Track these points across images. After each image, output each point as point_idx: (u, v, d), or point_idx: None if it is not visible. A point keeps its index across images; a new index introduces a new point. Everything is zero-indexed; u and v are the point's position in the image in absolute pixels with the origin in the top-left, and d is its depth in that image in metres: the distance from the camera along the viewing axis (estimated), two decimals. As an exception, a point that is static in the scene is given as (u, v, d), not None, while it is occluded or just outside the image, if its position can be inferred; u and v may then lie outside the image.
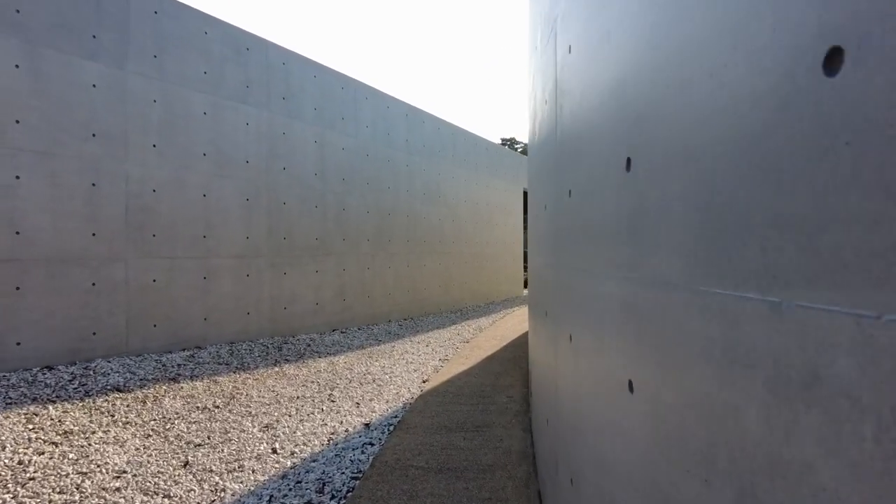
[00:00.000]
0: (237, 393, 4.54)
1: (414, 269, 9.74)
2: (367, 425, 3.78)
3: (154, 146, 5.59)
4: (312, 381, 5.02)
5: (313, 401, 4.40)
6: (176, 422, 3.74)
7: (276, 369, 5.46)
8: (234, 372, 5.23)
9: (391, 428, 3.70)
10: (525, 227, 15.68)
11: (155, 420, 3.75)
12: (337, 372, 5.43)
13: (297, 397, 4.50)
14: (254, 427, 3.72)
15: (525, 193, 15.09)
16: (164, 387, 4.54)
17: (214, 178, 6.20)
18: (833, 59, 0.44)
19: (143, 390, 4.39)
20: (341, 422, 3.87)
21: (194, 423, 3.75)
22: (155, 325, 5.55)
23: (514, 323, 9.13)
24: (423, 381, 5.06)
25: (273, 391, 4.67)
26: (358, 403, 4.34)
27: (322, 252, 7.64)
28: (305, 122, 7.44)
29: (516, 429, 3.56)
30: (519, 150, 33.53)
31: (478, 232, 12.25)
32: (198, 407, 4.11)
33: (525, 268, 16.51)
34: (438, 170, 10.58)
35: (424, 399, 4.41)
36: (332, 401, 4.41)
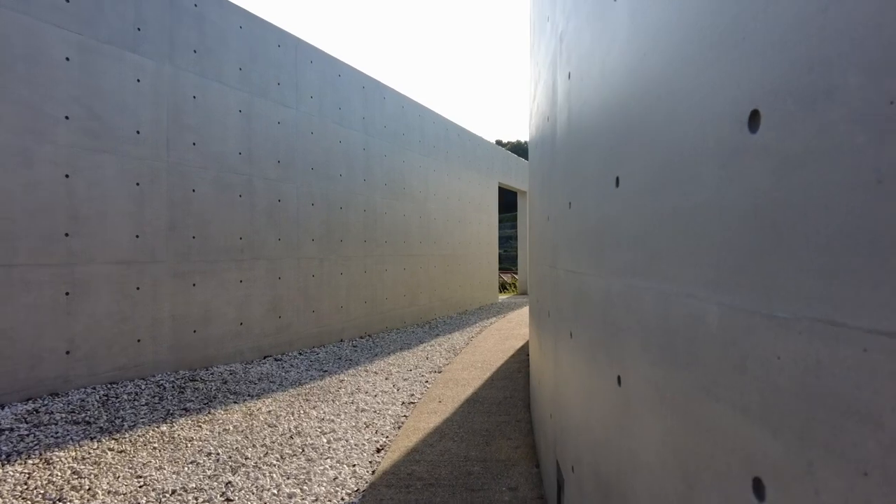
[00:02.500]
0: (73, 486, 2.80)
1: (373, 276, 8.07)
2: (269, 573, 2.12)
3: (-26, 99, 3.74)
4: (211, 453, 3.32)
5: (196, 501, 2.70)
6: None
7: (165, 428, 3.72)
8: (94, 438, 3.46)
9: (313, 579, 2.05)
10: (506, 227, 14.21)
11: None
12: (253, 431, 3.73)
13: (174, 491, 2.79)
14: (57, 584, 2.00)
15: (499, 189, 13.62)
16: (-55, 482, 2.75)
17: (84, 151, 4.39)
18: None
19: None
20: (227, 561, 2.20)
21: (-58, 580, 2.01)
22: (-25, 367, 3.70)
23: (495, 341, 7.58)
24: (378, 450, 3.43)
25: (140, 477, 2.95)
26: (268, 506, 2.67)
27: (249, 255, 5.88)
28: (227, 86, 5.68)
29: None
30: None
31: (449, 231, 10.67)
32: (-20, 529, 2.35)
33: (498, 270, 15.11)
34: (403, 157, 8.94)
35: (377, 493, 2.77)
36: (228, 499, 2.72)
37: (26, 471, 2.94)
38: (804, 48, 0.52)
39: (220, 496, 2.77)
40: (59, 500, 2.66)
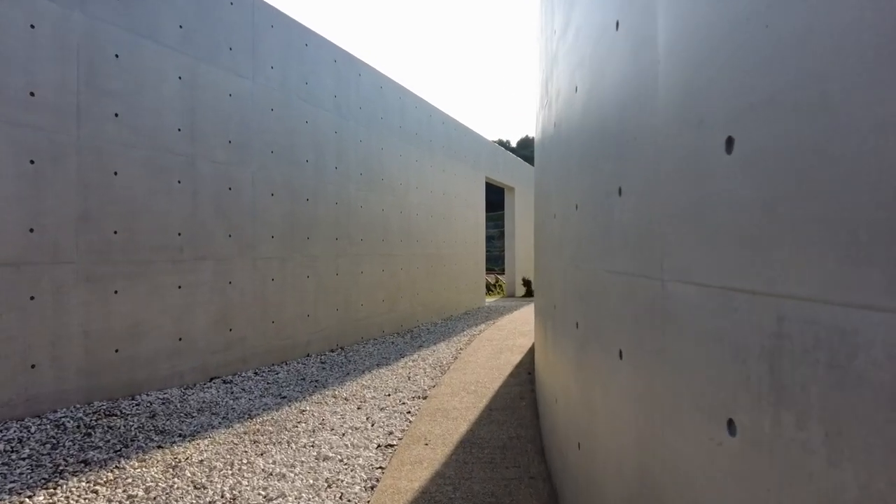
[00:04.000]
0: None
1: (347, 279, 7.02)
2: None
3: None
4: (96, 541, 2.26)
5: None
6: None
7: (40, 498, 2.64)
8: (-73, 519, 2.37)
9: None
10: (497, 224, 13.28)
11: None
12: (171, 497, 2.68)
13: None
14: None
15: (486, 183, 12.69)
16: None
17: (-50, 115, 3.27)
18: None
19: None
20: None
21: None
22: None
23: (487, 355, 6.62)
24: (342, 531, 2.42)
25: None
26: None
27: (191, 254, 4.80)
28: (163, 45, 4.59)
29: None
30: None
31: (433, 228, 9.68)
32: None
33: (485, 270, 14.21)
34: (381, 143, 7.91)
35: None
36: None
37: None
38: None
39: None
40: None
